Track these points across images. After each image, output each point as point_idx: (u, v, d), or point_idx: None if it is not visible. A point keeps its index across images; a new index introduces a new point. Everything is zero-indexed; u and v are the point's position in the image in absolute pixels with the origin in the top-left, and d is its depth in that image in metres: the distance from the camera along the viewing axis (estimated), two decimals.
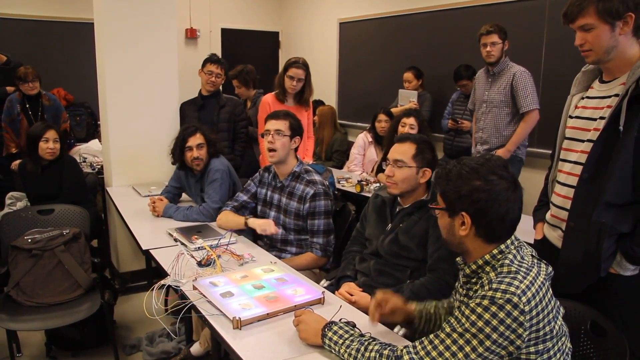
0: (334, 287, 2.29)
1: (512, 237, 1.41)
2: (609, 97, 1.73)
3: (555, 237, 1.90)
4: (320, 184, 2.58)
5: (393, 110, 4.52)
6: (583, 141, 1.79)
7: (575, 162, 1.80)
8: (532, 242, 2.00)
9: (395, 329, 1.92)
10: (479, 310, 1.27)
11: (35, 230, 2.78)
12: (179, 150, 3.04)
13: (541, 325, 1.28)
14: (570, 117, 1.89)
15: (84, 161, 4.42)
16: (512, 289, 1.26)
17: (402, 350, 1.36)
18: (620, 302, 1.73)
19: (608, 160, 1.65)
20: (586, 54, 1.73)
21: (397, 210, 2.26)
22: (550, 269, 1.40)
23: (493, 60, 3.60)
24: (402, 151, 2.19)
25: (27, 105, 4.45)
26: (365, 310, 1.95)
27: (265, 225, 2.52)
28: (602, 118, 1.72)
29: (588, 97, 1.83)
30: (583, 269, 1.71)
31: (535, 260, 1.40)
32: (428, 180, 2.19)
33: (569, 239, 1.78)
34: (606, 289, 1.73)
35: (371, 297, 2.10)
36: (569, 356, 1.42)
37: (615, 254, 1.69)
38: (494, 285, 1.28)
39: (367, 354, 1.39)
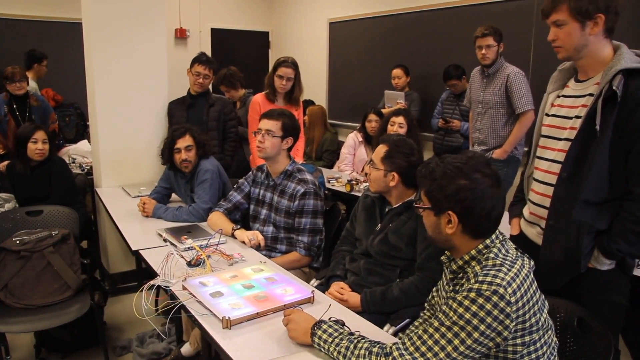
0: (323, 287, 2.30)
1: (497, 231, 1.44)
2: (584, 96, 1.77)
3: (534, 233, 1.93)
4: (311, 184, 2.59)
5: (382, 110, 4.53)
6: (560, 139, 1.82)
7: (553, 161, 1.83)
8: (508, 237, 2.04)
9: (385, 328, 1.94)
10: (466, 302, 1.29)
11: (23, 231, 2.76)
12: (167, 152, 3.04)
13: (527, 316, 1.30)
14: (547, 115, 1.92)
15: (73, 162, 4.39)
16: (498, 280, 1.28)
17: (391, 347, 1.37)
18: (597, 296, 1.78)
19: (585, 160, 1.68)
20: (557, 50, 1.78)
21: (387, 210, 2.28)
22: (532, 263, 1.43)
23: (488, 63, 3.63)
24: (376, 152, 2.25)
25: (15, 106, 4.41)
26: (354, 310, 1.96)
27: (252, 235, 2.49)
28: (577, 117, 1.76)
29: (564, 96, 1.87)
30: (564, 266, 1.75)
31: (519, 254, 1.43)
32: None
33: (549, 238, 1.81)
34: (584, 283, 1.77)
35: (361, 295, 2.12)
36: (555, 350, 1.44)
37: (593, 250, 1.74)
38: (480, 278, 1.31)
39: (356, 352, 1.40)
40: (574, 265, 1.73)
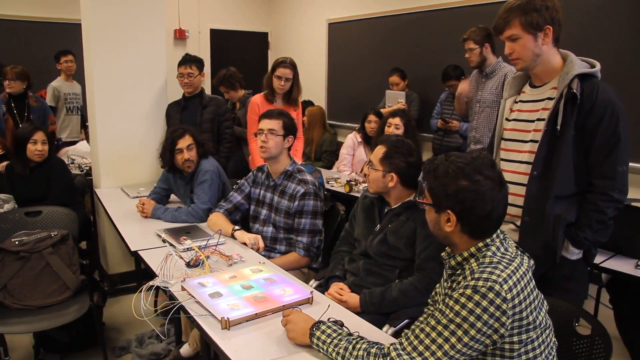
0: (322, 287, 2.30)
1: (498, 230, 1.44)
2: (542, 100, 1.93)
3: (506, 230, 2.00)
4: (311, 184, 2.59)
5: (382, 110, 4.54)
6: (526, 142, 1.96)
7: (521, 162, 1.97)
8: None
9: (384, 328, 1.94)
10: (463, 300, 1.29)
11: (22, 232, 2.76)
12: (168, 154, 3.02)
13: (524, 314, 1.31)
14: (507, 120, 2.06)
15: (72, 163, 4.39)
16: (494, 277, 1.29)
17: (389, 348, 1.37)
18: (564, 285, 1.92)
19: (553, 158, 1.83)
20: (515, 62, 1.94)
21: (386, 210, 2.28)
22: (532, 262, 1.44)
23: (473, 65, 3.73)
24: (375, 153, 2.26)
25: (13, 105, 4.42)
26: (354, 310, 1.96)
27: (253, 239, 2.50)
28: (539, 120, 1.92)
29: (522, 101, 2.02)
30: (541, 258, 1.83)
31: (519, 252, 1.44)
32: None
33: (525, 233, 1.93)
34: (555, 272, 1.91)
35: (360, 296, 2.12)
36: (554, 350, 1.44)
37: (564, 240, 1.89)
38: (476, 275, 1.31)
39: (355, 352, 1.40)
40: (551, 257, 1.87)
